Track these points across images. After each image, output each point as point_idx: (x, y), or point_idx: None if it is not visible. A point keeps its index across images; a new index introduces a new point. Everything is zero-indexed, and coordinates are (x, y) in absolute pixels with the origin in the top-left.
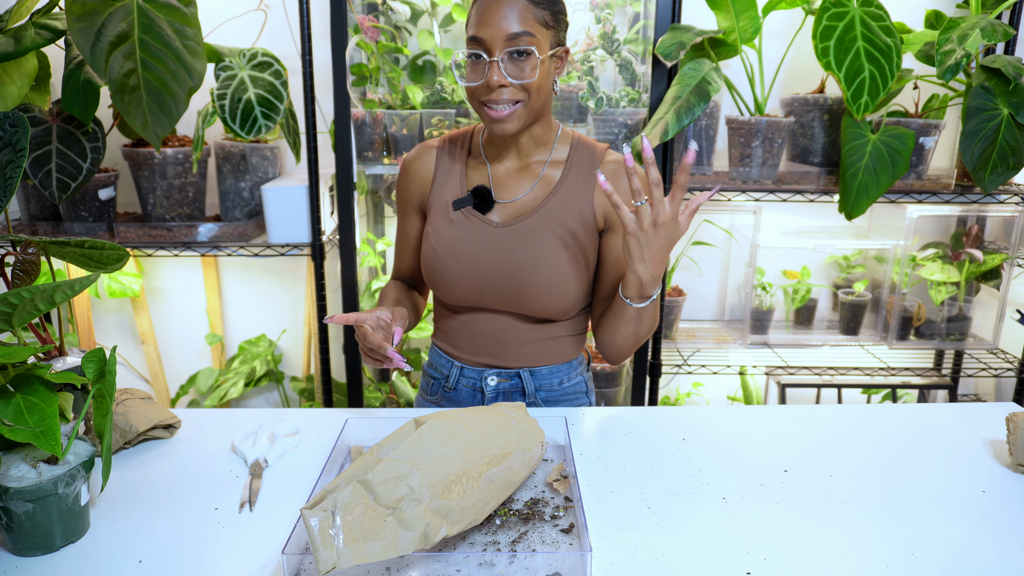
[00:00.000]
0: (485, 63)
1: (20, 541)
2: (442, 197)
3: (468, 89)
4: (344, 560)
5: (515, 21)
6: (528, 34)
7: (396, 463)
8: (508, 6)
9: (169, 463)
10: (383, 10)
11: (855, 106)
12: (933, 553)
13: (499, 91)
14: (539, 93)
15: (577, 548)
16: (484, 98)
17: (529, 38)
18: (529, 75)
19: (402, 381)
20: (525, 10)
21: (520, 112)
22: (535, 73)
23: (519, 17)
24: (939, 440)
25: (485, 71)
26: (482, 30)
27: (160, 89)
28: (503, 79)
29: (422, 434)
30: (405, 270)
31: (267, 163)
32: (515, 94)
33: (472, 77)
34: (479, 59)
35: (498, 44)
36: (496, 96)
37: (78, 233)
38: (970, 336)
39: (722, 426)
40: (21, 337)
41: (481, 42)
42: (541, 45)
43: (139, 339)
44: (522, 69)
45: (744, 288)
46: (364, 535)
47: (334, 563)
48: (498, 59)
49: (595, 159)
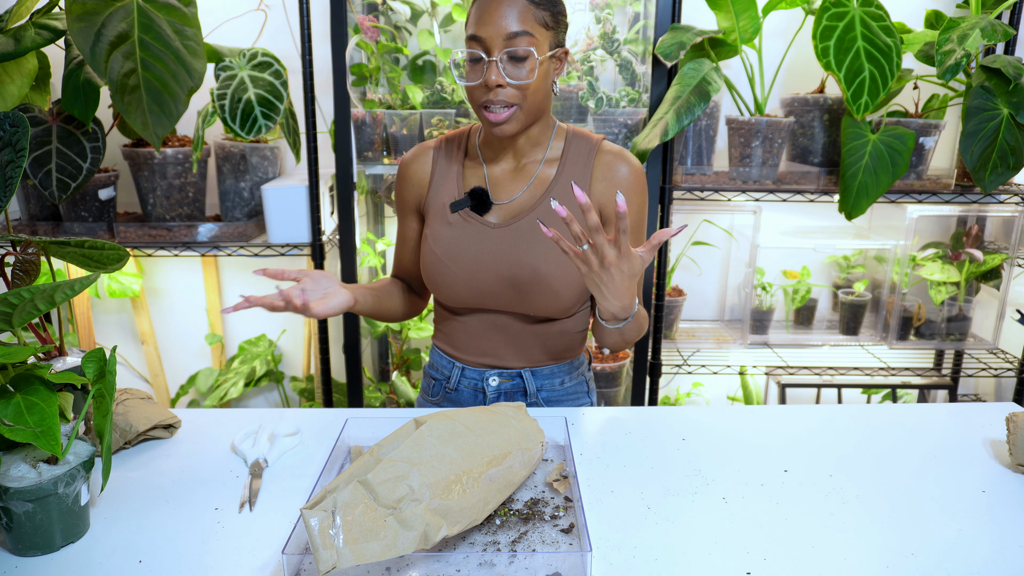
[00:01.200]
0: (484, 63)
1: (20, 541)
2: (439, 199)
3: (468, 90)
4: (344, 560)
5: (515, 20)
6: (527, 34)
7: (396, 463)
8: (508, 5)
9: (169, 463)
10: (383, 10)
11: (855, 106)
12: (933, 553)
13: (497, 91)
14: (537, 94)
15: (577, 548)
16: (483, 99)
17: (528, 38)
18: (527, 76)
19: (402, 381)
20: (525, 10)
21: (518, 114)
22: (533, 74)
23: (519, 17)
24: (939, 440)
25: (484, 71)
26: (481, 29)
27: (160, 89)
28: (501, 79)
29: (422, 434)
30: (404, 270)
31: (267, 163)
32: (513, 97)
33: (471, 77)
34: (478, 59)
35: (497, 44)
36: (494, 96)
37: (78, 233)
38: (970, 336)
39: (722, 426)
40: (21, 337)
41: (480, 41)
42: (540, 46)
43: (139, 339)
44: (520, 70)
45: (744, 288)
46: (364, 535)
47: (334, 563)
48: (497, 59)
49: (591, 150)
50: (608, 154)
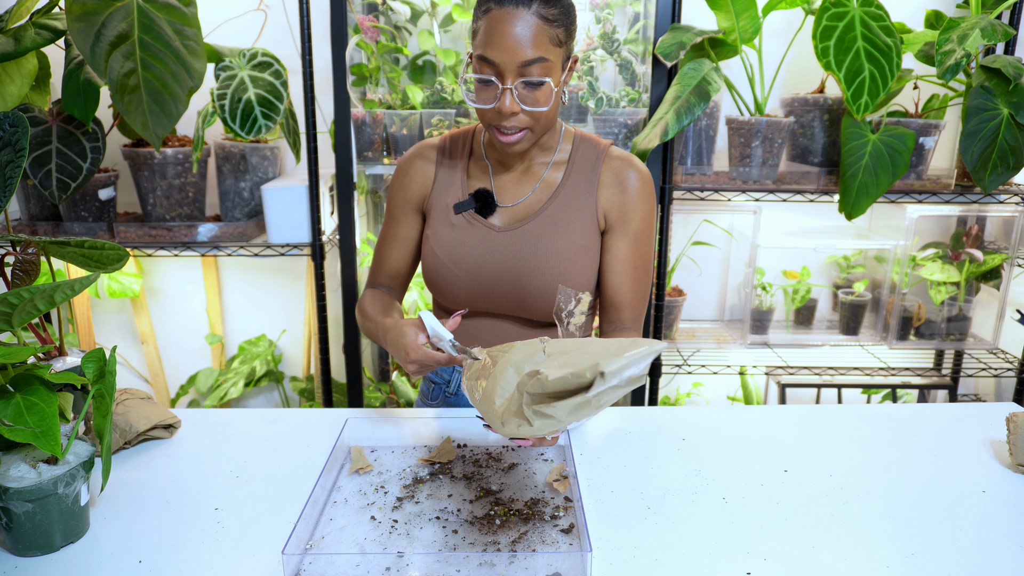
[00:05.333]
0: (496, 87)
1: (20, 541)
2: (443, 200)
3: (478, 109)
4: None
5: (529, 46)
6: (543, 60)
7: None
8: (522, 28)
9: (169, 463)
10: (383, 10)
11: (855, 106)
12: (933, 553)
13: (511, 117)
14: (550, 114)
15: (577, 548)
16: (495, 122)
17: (544, 65)
18: (543, 103)
19: (402, 381)
20: (539, 32)
21: (530, 135)
22: (549, 100)
23: (533, 41)
24: (939, 440)
25: (496, 96)
26: (493, 53)
27: (160, 89)
28: (516, 107)
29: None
30: (388, 273)
31: (267, 163)
32: (526, 122)
33: (482, 98)
34: (489, 82)
35: (511, 70)
36: (508, 122)
37: (78, 233)
38: (970, 336)
39: (722, 426)
40: (21, 337)
41: (492, 65)
42: (554, 70)
43: (139, 339)
44: (536, 96)
45: (744, 288)
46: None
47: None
48: (511, 87)
49: (598, 156)
50: (616, 160)
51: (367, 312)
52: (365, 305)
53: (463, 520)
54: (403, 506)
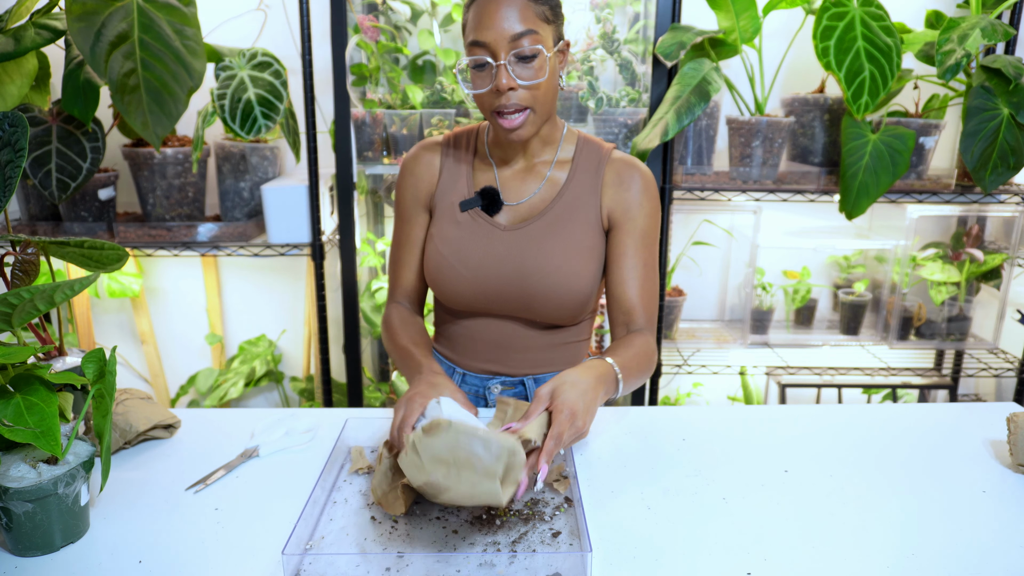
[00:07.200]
0: (491, 68)
1: (20, 541)
2: (448, 198)
3: (477, 98)
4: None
5: (516, 20)
6: (532, 32)
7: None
8: (507, 5)
9: (169, 463)
10: (383, 10)
11: (855, 106)
12: (933, 553)
13: (508, 95)
14: (548, 92)
15: (577, 548)
16: (495, 105)
17: (534, 36)
18: (538, 75)
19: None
20: (525, 7)
21: (532, 117)
22: (544, 72)
23: (520, 16)
24: (939, 440)
25: (492, 76)
26: (483, 33)
27: (160, 89)
28: (512, 81)
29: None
30: (408, 282)
31: (267, 163)
32: (525, 99)
33: (479, 84)
34: (484, 65)
35: (502, 46)
36: (506, 100)
37: (78, 233)
38: (970, 336)
39: (722, 426)
40: (21, 337)
41: (484, 46)
42: (546, 41)
43: (139, 339)
44: (530, 69)
45: (744, 288)
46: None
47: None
48: (504, 62)
49: (602, 158)
50: (619, 162)
51: (396, 337)
52: (394, 324)
53: (463, 520)
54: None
